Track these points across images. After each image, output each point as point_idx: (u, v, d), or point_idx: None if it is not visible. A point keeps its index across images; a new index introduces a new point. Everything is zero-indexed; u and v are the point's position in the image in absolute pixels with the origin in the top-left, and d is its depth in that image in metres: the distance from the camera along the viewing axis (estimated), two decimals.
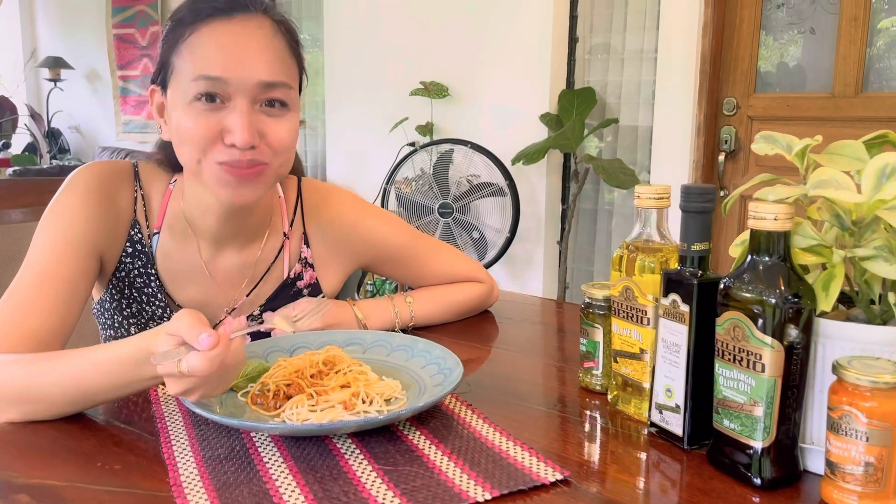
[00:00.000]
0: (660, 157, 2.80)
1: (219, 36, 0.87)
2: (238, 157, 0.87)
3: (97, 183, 0.96)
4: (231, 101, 0.87)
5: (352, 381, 0.80)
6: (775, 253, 0.64)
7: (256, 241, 1.04)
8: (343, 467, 0.68)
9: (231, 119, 0.86)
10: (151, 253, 1.00)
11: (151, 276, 1.00)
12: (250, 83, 0.86)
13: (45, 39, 5.55)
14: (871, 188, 0.62)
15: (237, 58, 0.86)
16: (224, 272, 1.03)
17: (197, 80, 0.85)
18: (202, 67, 0.85)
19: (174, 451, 0.71)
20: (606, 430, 0.79)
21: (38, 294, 0.88)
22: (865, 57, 2.45)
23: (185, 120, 0.87)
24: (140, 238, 0.99)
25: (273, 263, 1.05)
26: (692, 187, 0.71)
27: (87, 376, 0.77)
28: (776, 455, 0.65)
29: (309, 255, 1.08)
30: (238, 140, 0.85)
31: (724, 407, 0.67)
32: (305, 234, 1.08)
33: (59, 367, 0.78)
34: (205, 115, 0.86)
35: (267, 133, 0.88)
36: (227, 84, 0.85)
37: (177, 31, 0.89)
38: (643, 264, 0.77)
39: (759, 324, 0.63)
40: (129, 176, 1.00)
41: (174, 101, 0.89)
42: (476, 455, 0.70)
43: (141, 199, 1.00)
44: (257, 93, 0.87)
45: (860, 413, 0.59)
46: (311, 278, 1.08)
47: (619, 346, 0.81)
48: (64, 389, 0.77)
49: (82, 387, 0.77)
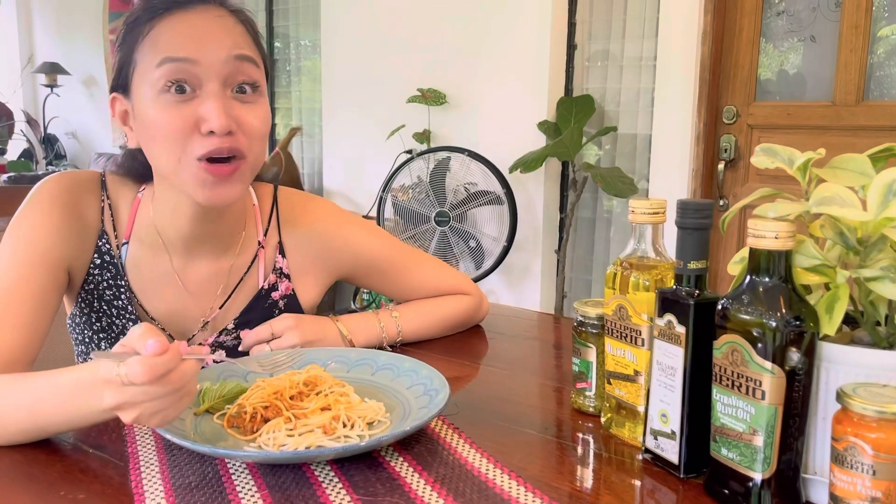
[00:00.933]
0: (659, 166, 2.77)
1: (180, 23, 0.85)
2: (217, 144, 0.84)
3: (62, 194, 0.93)
4: (202, 87, 0.84)
5: (332, 404, 0.77)
6: (776, 273, 0.60)
7: (230, 250, 1.01)
8: (319, 497, 0.64)
9: (205, 106, 0.83)
10: (121, 264, 0.96)
11: (121, 287, 0.97)
12: (219, 61, 0.84)
13: (42, 45, 5.52)
14: (877, 205, 0.58)
15: (201, 41, 0.84)
16: (197, 282, 0.99)
17: (162, 65, 0.83)
18: (166, 50, 0.83)
19: (142, 479, 0.67)
20: (599, 456, 0.76)
21: (5, 311, 0.85)
22: (867, 65, 2.42)
23: (157, 114, 0.84)
24: (108, 249, 0.96)
25: (247, 273, 1.02)
26: (689, 203, 0.67)
27: (39, 405, 0.73)
28: (777, 487, 0.61)
29: (284, 266, 1.05)
30: (215, 125, 0.82)
31: (722, 435, 0.64)
32: (281, 243, 1.05)
33: (13, 395, 0.74)
34: (176, 106, 0.83)
35: (242, 121, 0.86)
36: (195, 64, 0.83)
37: (134, 31, 0.86)
38: (637, 282, 0.73)
39: (758, 348, 0.60)
40: (96, 185, 0.97)
41: (141, 98, 0.86)
42: (461, 484, 0.66)
43: (108, 208, 0.97)
44: (228, 71, 0.85)
45: (866, 445, 0.55)
46: (287, 289, 1.05)
47: (613, 367, 0.77)
48: (17, 418, 0.73)
49: (35, 417, 0.73)
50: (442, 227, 2.98)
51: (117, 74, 0.89)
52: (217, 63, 0.84)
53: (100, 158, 4.86)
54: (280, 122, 4.11)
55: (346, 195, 3.62)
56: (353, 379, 0.86)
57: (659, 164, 2.77)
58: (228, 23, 0.87)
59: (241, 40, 0.87)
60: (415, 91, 3.14)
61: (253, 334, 0.96)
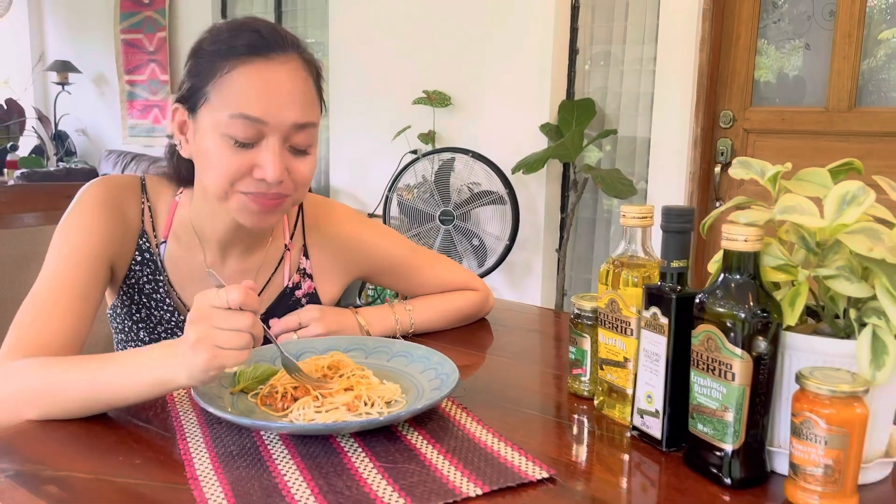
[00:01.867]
0: (657, 168, 2.85)
1: (258, 77, 0.92)
2: (266, 189, 0.94)
3: (106, 197, 1.02)
4: (264, 139, 0.92)
5: (355, 385, 0.86)
6: (746, 271, 0.70)
7: (259, 250, 1.11)
8: (346, 464, 0.73)
9: (263, 157, 0.92)
10: (160, 260, 1.06)
11: (160, 282, 1.06)
12: (285, 125, 0.92)
13: (53, 43, 5.62)
14: (833, 213, 0.67)
15: (274, 101, 0.91)
16: (228, 278, 1.08)
17: (235, 118, 0.91)
18: (242, 106, 0.91)
19: (189, 448, 0.77)
20: (592, 433, 0.85)
21: (55, 302, 0.94)
22: (859, 73, 2.50)
23: (218, 152, 0.93)
24: (148, 247, 1.05)
25: (274, 273, 1.12)
26: (672, 209, 0.76)
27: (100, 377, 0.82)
28: (745, 457, 0.70)
29: (308, 266, 1.14)
30: (269, 176, 0.92)
31: (699, 412, 0.73)
32: (305, 245, 1.15)
33: (74, 370, 0.83)
34: (238, 151, 0.92)
35: (292, 170, 0.95)
36: (264, 125, 0.91)
37: (214, 62, 0.93)
38: (627, 279, 0.83)
39: (730, 336, 0.69)
40: (137, 189, 1.06)
41: (204, 128, 0.94)
42: (469, 454, 0.76)
43: (148, 210, 1.06)
44: (289, 133, 0.93)
45: (820, 419, 0.64)
46: (310, 288, 1.14)
47: (605, 355, 0.87)
48: (79, 395, 0.83)
49: (95, 388, 0.82)
50: (446, 226, 3.07)
51: (187, 94, 0.96)
52: (284, 126, 0.92)
53: (110, 155, 4.96)
54: None
55: (353, 194, 3.71)
56: (371, 364, 0.95)
57: (658, 167, 2.85)
58: (301, 78, 0.94)
59: (308, 102, 0.95)
60: (420, 93, 3.23)
61: (281, 323, 1.05)
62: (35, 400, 0.83)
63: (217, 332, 0.77)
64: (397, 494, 0.68)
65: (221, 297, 0.77)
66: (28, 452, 0.77)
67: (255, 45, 0.92)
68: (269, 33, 0.94)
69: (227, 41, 0.93)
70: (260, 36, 0.93)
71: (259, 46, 0.92)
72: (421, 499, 0.67)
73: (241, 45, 0.92)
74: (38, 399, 0.83)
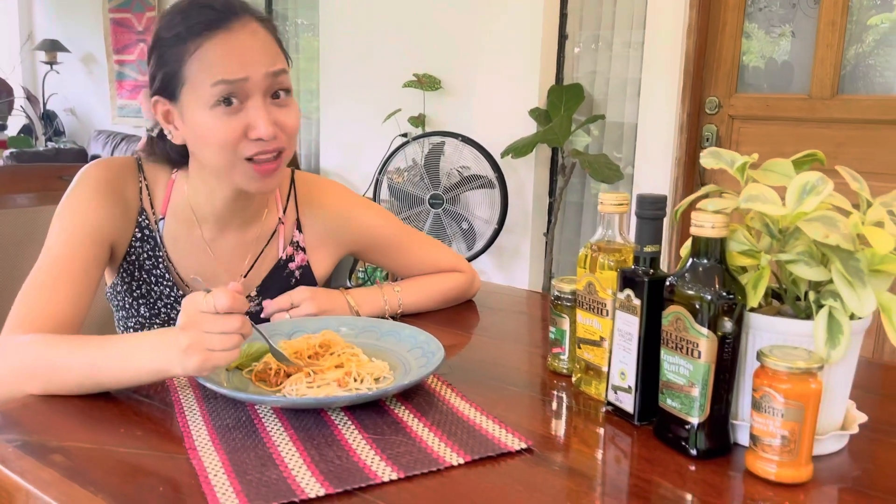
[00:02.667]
0: (644, 153, 2.89)
1: (225, 45, 0.97)
2: (264, 147, 0.99)
3: (105, 178, 1.06)
4: (248, 99, 0.98)
5: (345, 362, 0.90)
6: (713, 256, 0.74)
7: (254, 224, 1.15)
8: (337, 436, 0.78)
9: (253, 116, 0.98)
10: (159, 237, 1.10)
11: (160, 258, 1.10)
12: (262, 77, 0.98)
13: (42, 22, 5.58)
14: (794, 202, 0.72)
15: (246, 59, 0.97)
16: (225, 252, 1.14)
17: (217, 86, 0.96)
18: (219, 73, 0.96)
19: (188, 421, 0.81)
20: (570, 408, 0.90)
21: (56, 280, 0.98)
22: (842, 60, 2.55)
23: (211, 124, 0.98)
24: (147, 224, 1.10)
25: (268, 244, 1.16)
26: (646, 196, 0.81)
27: (101, 361, 0.86)
28: (710, 430, 0.75)
29: (301, 240, 1.19)
30: (263, 133, 0.97)
31: (668, 388, 0.78)
32: (298, 220, 1.19)
33: (75, 351, 0.87)
34: (227, 118, 0.97)
35: (281, 122, 1.00)
36: (245, 81, 0.97)
37: (178, 47, 0.98)
38: (604, 263, 0.87)
39: (697, 317, 0.73)
40: (134, 169, 1.10)
41: (190, 109, 0.99)
42: (453, 426, 0.80)
43: (146, 189, 1.10)
44: (267, 84, 0.99)
45: (777, 394, 0.69)
46: (303, 261, 1.19)
47: (583, 335, 0.91)
48: (79, 376, 0.86)
49: (94, 370, 0.86)
50: (436, 209, 3.11)
51: (162, 83, 1.01)
52: (261, 80, 0.98)
53: (99, 136, 4.96)
54: None
55: (343, 177, 3.73)
56: (360, 343, 0.99)
57: (644, 152, 2.90)
58: (262, 36, 1.00)
59: (275, 53, 1.01)
60: (411, 76, 3.25)
61: (274, 304, 1.10)
62: (37, 376, 0.87)
63: (207, 336, 0.80)
64: (385, 464, 0.72)
65: (209, 302, 0.80)
66: (34, 424, 0.81)
67: (213, 20, 0.97)
68: (220, 5, 0.99)
69: (183, 23, 0.98)
70: (213, 10, 0.98)
71: (216, 20, 0.98)
72: (407, 467, 0.71)
73: (199, 24, 0.97)
74: (40, 375, 0.87)
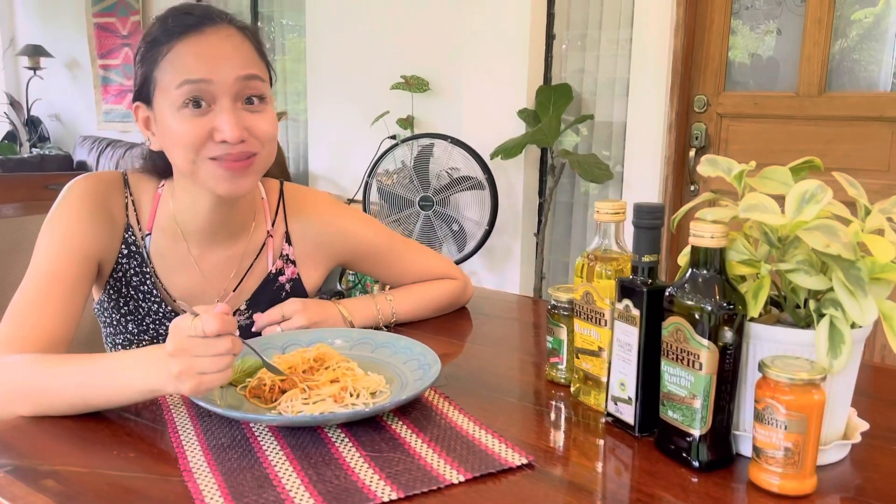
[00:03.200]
0: (633, 153, 2.89)
1: (195, 46, 0.96)
2: (229, 150, 0.97)
3: (91, 194, 1.05)
4: (216, 102, 0.96)
5: (340, 377, 0.89)
6: (712, 266, 0.73)
7: (241, 237, 1.13)
8: (334, 454, 0.77)
9: (219, 119, 0.96)
10: (146, 252, 1.08)
11: (147, 274, 1.08)
12: (230, 80, 0.96)
13: (24, 27, 5.52)
14: (793, 210, 0.71)
15: (214, 61, 0.96)
16: (212, 266, 1.11)
17: (181, 86, 0.95)
18: (185, 73, 0.95)
19: (182, 441, 0.79)
20: (569, 420, 0.89)
21: (46, 298, 0.96)
22: (829, 57, 2.55)
23: (177, 126, 0.96)
24: (134, 240, 1.08)
25: (257, 258, 1.14)
26: (643, 206, 0.80)
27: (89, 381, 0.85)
28: (712, 441, 0.75)
29: (290, 253, 1.17)
30: (228, 136, 0.95)
31: (669, 399, 0.77)
32: (287, 232, 1.18)
33: (64, 373, 0.86)
34: (193, 119, 0.96)
35: (252, 127, 0.98)
36: (210, 84, 0.95)
37: (154, 50, 0.98)
38: (601, 272, 0.86)
39: (697, 328, 0.73)
40: (119, 184, 1.09)
41: (162, 111, 0.98)
42: (452, 442, 0.79)
43: (132, 204, 1.09)
44: (238, 89, 0.97)
45: (780, 405, 0.68)
46: (293, 274, 1.17)
47: (581, 344, 0.90)
48: (67, 393, 0.85)
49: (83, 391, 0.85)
50: (426, 212, 3.09)
51: (140, 88, 1.00)
52: (228, 82, 0.96)
53: (85, 141, 4.91)
54: None
55: (332, 179, 3.71)
56: (355, 356, 0.98)
57: (633, 151, 2.89)
58: (237, 41, 0.98)
59: (248, 59, 0.99)
60: (398, 78, 3.24)
61: (265, 317, 1.08)
62: (27, 397, 0.85)
63: (198, 360, 0.79)
64: (383, 482, 0.71)
65: (197, 327, 0.78)
66: (24, 448, 0.79)
67: (188, 24, 0.97)
68: (200, 11, 0.98)
69: (161, 27, 0.98)
70: (190, 15, 0.98)
71: (191, 24, 0.97)
72: (406, 487, 0.70)
73: (174, 27, 0.97)
74: (30, 397, 0.85)
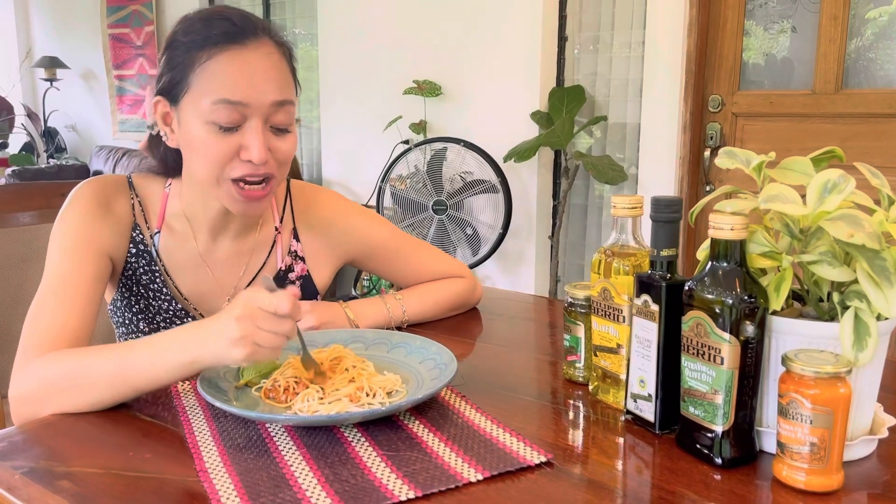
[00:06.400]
0: (647, 153, 2.88)
1: (235, 63, 0.96)
2: (253, 170, 0.97)
3: (95, 194, 1.06)
4: (246, 121, 0.96)
5: (356, 376, 0.88)
6: (732, 259, 0.72)
7: (250, 233, 1.14)
8: (350, 453, 0.76)
9: (248, 139, 0.96)
10: (155, 251, 1.09)
11: (156, 272, 1.09)
12: (266, 103, 0.96)
13: (40, 39, 5.58)
14: (815, 201, 0.69)
15: (253, 83, 0.96)
16: (221, 263, 1.12)
17: (217, 105, 0.95)
18: (223, 92, 0.95)
19: (198, 441, 0.79)
20: (587, 418, 0.87)
21: (64, 297, 0.97)
22: (845, 54, 2.53)
23: (205, 137, 0.96)
24: (142, 239, 1.08)
25: (268, 258, 1.15)
26: (661, 199, 0.79)
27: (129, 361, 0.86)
28: (735, 437, 0.73)
29: (299, 249, 1.18)
30: (255, 157, 0.96)
31: (690, 395, 0.75)
32: (295, 229, 1.18)
33: (103, 360, 0.87)
34: (223, 136, 0.96)
35: (276, 150, 0.99)
36: (246, 107, 0.95)
37: (191, 53, 0.97)
38: (619, 268, 0.85)
39: (718, 322, 0.71)
40: (124, 186, 1.10)
41: (188, 117, 0.98)
42: (469, 441, 0.78)
43: (139, 204, 1.09)
44: (269, 112, 0.97)
45: (805, 399, 0.67)
46: (303, 270, 1.18)
47: (599, 342, 0.89)
48: (108, 381, 0.86)
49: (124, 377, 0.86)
50: (439, 216, 3.09)
51: (168, 86, 0.99)
52: (264, 106, 0.97)
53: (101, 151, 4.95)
54: None
55: (346, 185, 3.72)
56: (371, 356, 0.97)
57: (648, 152, 2.88)
58: (275, 59, 0.98)
59: (284, 82, 0.99)
60: (411, 83, 3.24)
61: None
62: (64, 389, 0.86)
63: (260, 332, 0.81)
64: (401, 482, 0.70)
65: (272, 302, 0.80)
66: (40, 449, 0.79)
67: (229, 33, 0.96)
68: (241, 21, 0.98)
69: (202, 31, 0.97)
70: (232, 24, 0.97)
71: (233, 34, 0.96)
72: (424, 485, 0.69)
73: (216, 35, 0.96)
74: (67, 388, 0.86)
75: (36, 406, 0.87)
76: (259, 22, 1.00)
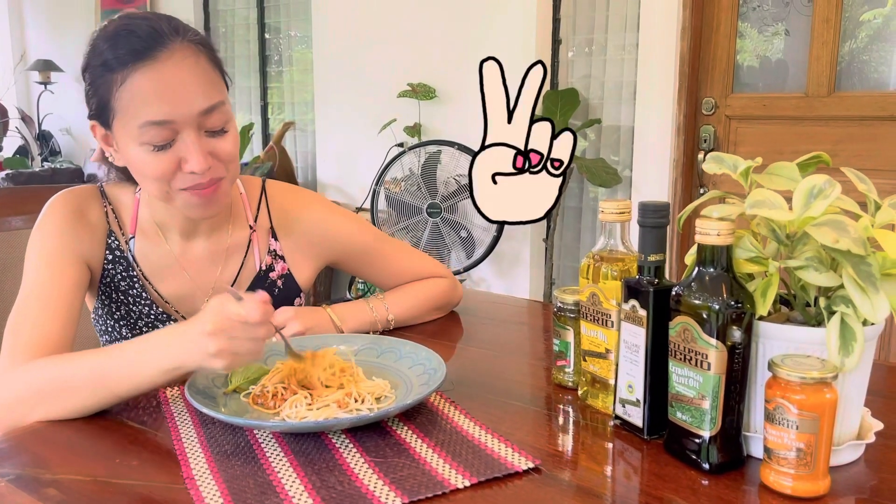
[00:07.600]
0: (641, 156, 2.88)
1: (151, 81, 0.92)
2: (199, 179, 0.97)
3: (67, 204, 1.06)
4: (179, 134, 0.95)
5: (345, 382, 0.88)
6: (719, 264, 0.72)
7: (222, 230, 1.14)
8: (338, 460, 0.76)
9: (185, 151, 0.95)
10: (131, 256, 1.09)
11: (134, 277, 1.09)
12: (193, 114, 0.95)
13: (35, 42, 5.57)
14: (801, 206, 0.70)
15: (175, 97, 0.93)
16: (197, 262, 1.13)
17: (144, 127, 0.93)
18: (147, 114, 0.93)
19: (185, 448, 0.79)
20: (576, 423, 0.87)
21: (45, 304, 0.97)
22: (838, 57, 2.53)
23: (142, 159, 0.96)
24: (118, 245, 1.09)
25: (245, 258, 1.15)
26: (648, 204, 0.79)
27: (108, 368, 0.86)
28: (722, 443, 0.73)
29: (278, 248, 1.18)
30: (196, 167, 0.95)
31: (677, 401, 0.75)
32: (273, 228, 1.18)
33: (83, 367, 0.87)
34: (160, 154, 0.95)
35: (216, 152, 0.98)
36: (173, 123, 0.94)
37: (105, 77, 0.94)
38: (607, 273, 0.85)
39: (705, 327, 0.71)
40: (96, 195, 1.10)
41: (123, 140, 0.97)
42: (457, 447, 0.78)
43: (112, 212, 1.10)
44: (200, 120, 0.96)
45: (791, 405, 0.67)
46: (283, 269, 1.18)
47: (588, 347, 0.89)
48: (89, 387, 0.85)
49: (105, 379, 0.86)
50: (434, 219, 3.09)
51: (97, 111, 0.97)
52: (192, 117, 0.95)
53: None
54: (272, 116, 4.20)
55: (340, 188, 3.71)
56: (360, 361, 0.97)
57: (642, 155, 2.88)
58: (192, 62, 0.95)
59: (208, 84, 0.96)
60: (405, 86, 3.24)
61: None
62: (45, 397, 0.86)
63: (235, 342, 0.81)
64: (388, 488, 0.70)
65: (240, 312, 0.80)
66: (27, 457, 0.78)
67: (137, 51, 0.92)
68: (147, 32, 0.93)
69: (109, 52, 0.93)
70: (138, 38, 0.92)
71: (140, 51, 0.92)
72: (411, 492, 0.69)
73: (123, 54, 0.92)
74: (47, 396, 0.86)
75: (19, 414, 0.86)
76: (166, 26, 0.95)
